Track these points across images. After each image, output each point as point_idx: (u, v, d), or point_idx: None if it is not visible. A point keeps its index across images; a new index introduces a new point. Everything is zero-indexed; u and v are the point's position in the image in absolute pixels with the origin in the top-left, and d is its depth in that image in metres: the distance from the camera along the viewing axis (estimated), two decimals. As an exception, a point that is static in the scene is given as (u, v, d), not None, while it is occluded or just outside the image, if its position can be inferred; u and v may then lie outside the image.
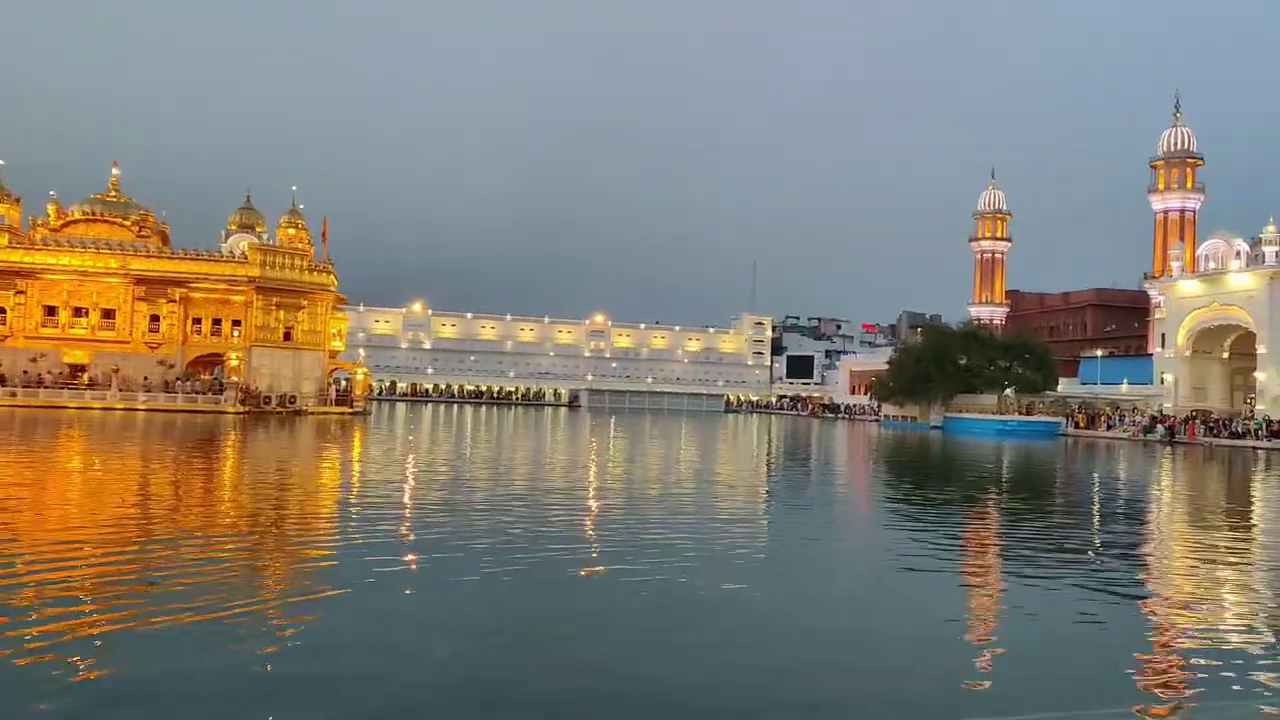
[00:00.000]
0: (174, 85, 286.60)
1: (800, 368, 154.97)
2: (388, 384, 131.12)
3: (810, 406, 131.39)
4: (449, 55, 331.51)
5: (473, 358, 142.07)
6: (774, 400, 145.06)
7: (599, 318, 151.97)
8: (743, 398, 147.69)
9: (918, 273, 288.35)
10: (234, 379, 67.03)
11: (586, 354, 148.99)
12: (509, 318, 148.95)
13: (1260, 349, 72.29)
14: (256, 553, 14.06)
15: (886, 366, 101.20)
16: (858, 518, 22.78)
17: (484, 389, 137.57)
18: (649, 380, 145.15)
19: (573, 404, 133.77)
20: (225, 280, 69.42)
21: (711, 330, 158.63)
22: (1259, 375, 72.67)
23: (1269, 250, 72.34)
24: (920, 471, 38.18)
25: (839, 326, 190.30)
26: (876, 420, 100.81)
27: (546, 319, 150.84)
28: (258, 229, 77.66)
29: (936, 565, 15.02)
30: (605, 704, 7.92)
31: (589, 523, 18.45)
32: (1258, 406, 71.27)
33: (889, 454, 48.91)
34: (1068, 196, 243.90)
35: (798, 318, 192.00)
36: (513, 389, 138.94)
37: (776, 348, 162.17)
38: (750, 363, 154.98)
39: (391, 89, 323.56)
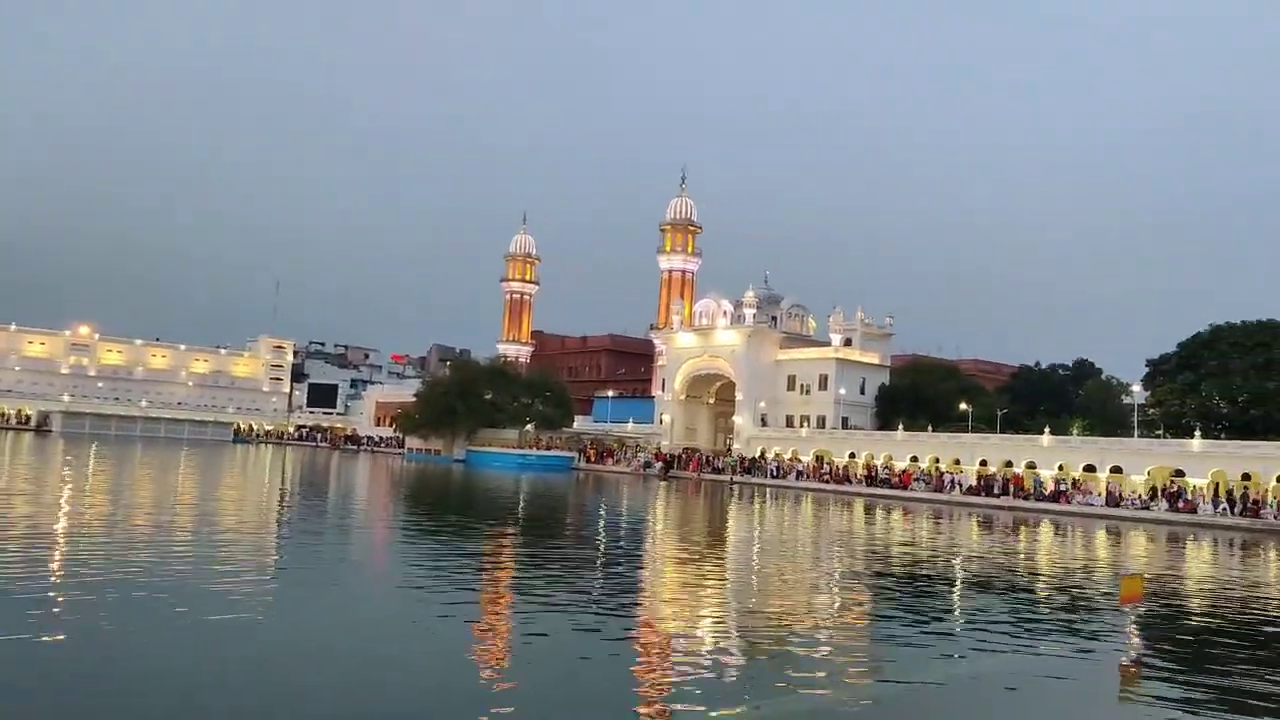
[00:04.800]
0: None
1: (323, 396, 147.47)
2: None
3: (332, 438, 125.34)
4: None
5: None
6: (292, 430, 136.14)
7: (83, 329, 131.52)
8: (256, 426, 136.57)
9: (451, 307, 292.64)
10: None
11: (64, 370, 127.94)
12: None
13: (739, 396, 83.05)
14: None
15: (414, 399, 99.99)
16: (368, 553, 21.08)
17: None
18: (144, 404, 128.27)
19: (41, 428, 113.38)
20: None
21: (224, 351, 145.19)
22: (737, 419, 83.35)
23: (748, 312, 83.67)
24: (437, 504, 37.44)
25: (367, 356, 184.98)
26: (401, 453, 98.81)
27: (13, 326, 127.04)
28: None
29: (448, 594, 15.12)
30: None
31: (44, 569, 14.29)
32: (734, 446, 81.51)
33: (408, 488, 47.36)
34: (593, 246, 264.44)
35: (323, 344, 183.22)
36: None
37: (298, 374, 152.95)
38: (267, 389, 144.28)
39: None
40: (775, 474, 68.96)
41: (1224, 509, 46.53)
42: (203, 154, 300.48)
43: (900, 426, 69.02)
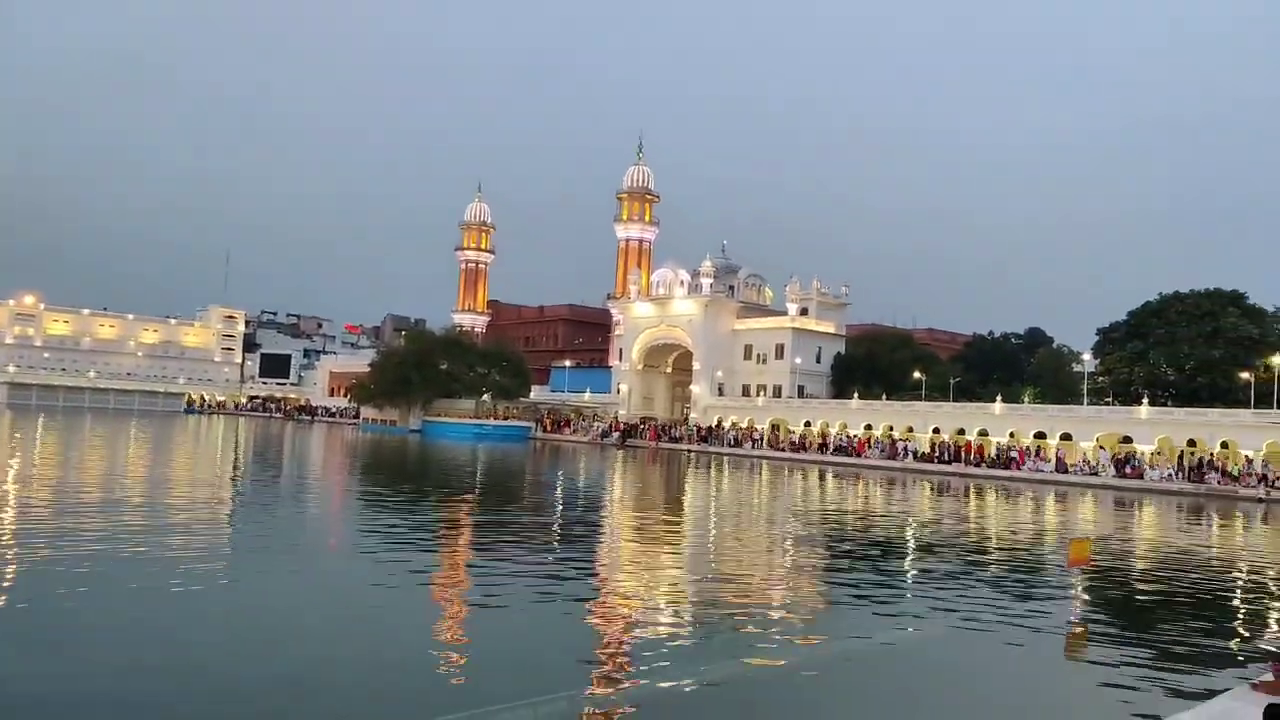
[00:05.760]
0: None
1: (276, 367, 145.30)
2: None
3: (285, 408, 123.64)
4: None
5: None
6: (244, 400, 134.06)
7: (28, 298, 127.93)
8: (208, 397, 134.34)
9: (405, 276, 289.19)
10: None
11: (9, 340, 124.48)
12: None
13: (696, 365, 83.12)
14: None
15: (368, 369, 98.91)
16: (324, 524, 20.67)
17: None
18: (92, 374, 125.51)
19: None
20: None
21: (174, 321, 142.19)
22: (694, 388, 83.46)
23: (705, 282, 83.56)
24: (394, 474, 37.04)
25: (320, 325, 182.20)
26: (356, 423, 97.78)
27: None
28: None
29: (404, 563, 14.85)
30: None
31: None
32: (691, 415, 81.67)
33: (364, 458, 46.85)
34: (550, 215, 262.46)
35: (275, 313, 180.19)
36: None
37: (250, 344, 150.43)
38: (219, 359, 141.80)
39: None
40: (732, 443, 69.24)
41: (1170, 474, 47.53)
42: (152, 123, 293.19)
43: (855, 395, 69.52)
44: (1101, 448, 52.75)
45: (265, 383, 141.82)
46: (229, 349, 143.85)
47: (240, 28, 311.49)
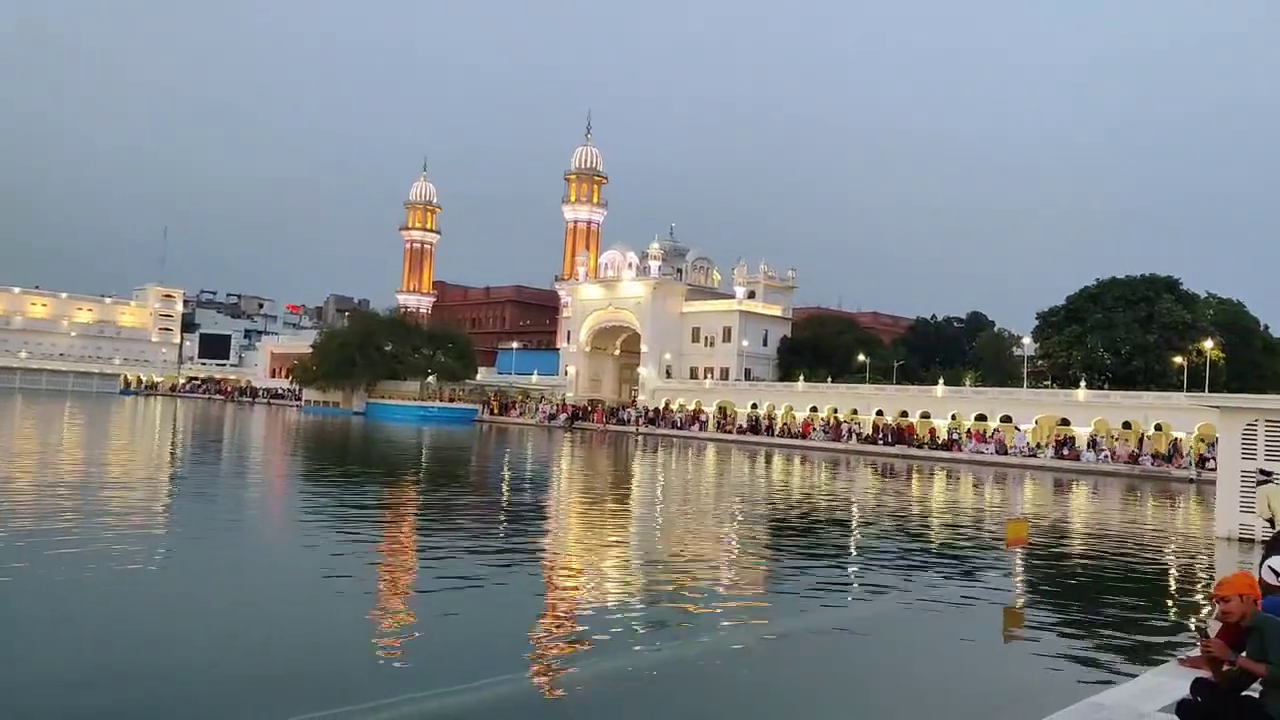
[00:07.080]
0: None
1: (215, 347, 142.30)
2: None
3: (225, 390, 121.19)
4: None
5: None
6: (182, 382, 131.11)
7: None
8: (145, 378, 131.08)
9: (349, 256, 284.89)
10: None
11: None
12: None
13: (644, 348, 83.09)
14: None
15: (311, 350, 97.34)
16: (266, 507, 20.29)
17: None
18: (23, 354, 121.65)
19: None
20: None
21: (109, 300, 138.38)
22: (642, 370, 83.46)
23: (653, 264, 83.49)
24: (336, 457, 36.48)
25: (261, 305, 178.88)
26: (298, 405, 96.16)
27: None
28: None
29: (347, 546, 14.63)
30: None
31: None
32: (639, 397, 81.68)
33: (306, 440, 46.05)
34: (496, 196, 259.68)
35: (215, 293, 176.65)
36: None
37: (188, 324, 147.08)
38: (156, 339, 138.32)
39: None
40: (679, 425, 69.37)
41: (1106, 455, 48.58)
42: (86, 91, 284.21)
43: (801, 378, 70.06)
44: (1018, 428, 54.05)
45: (204, 364, 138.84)
46: (167, 329, 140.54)
47: (180, 12, 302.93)
